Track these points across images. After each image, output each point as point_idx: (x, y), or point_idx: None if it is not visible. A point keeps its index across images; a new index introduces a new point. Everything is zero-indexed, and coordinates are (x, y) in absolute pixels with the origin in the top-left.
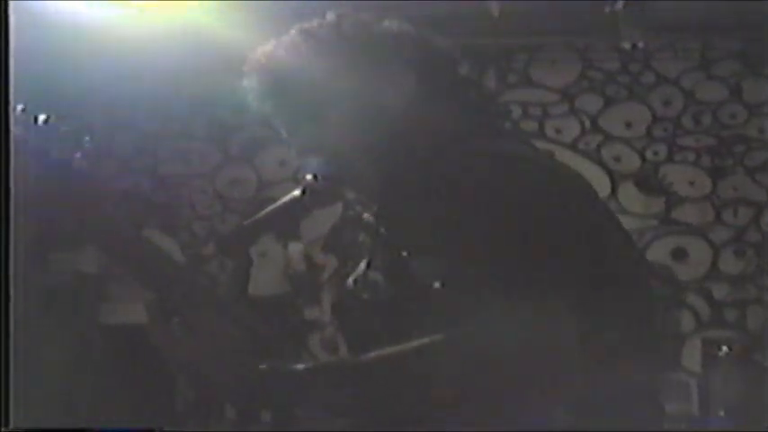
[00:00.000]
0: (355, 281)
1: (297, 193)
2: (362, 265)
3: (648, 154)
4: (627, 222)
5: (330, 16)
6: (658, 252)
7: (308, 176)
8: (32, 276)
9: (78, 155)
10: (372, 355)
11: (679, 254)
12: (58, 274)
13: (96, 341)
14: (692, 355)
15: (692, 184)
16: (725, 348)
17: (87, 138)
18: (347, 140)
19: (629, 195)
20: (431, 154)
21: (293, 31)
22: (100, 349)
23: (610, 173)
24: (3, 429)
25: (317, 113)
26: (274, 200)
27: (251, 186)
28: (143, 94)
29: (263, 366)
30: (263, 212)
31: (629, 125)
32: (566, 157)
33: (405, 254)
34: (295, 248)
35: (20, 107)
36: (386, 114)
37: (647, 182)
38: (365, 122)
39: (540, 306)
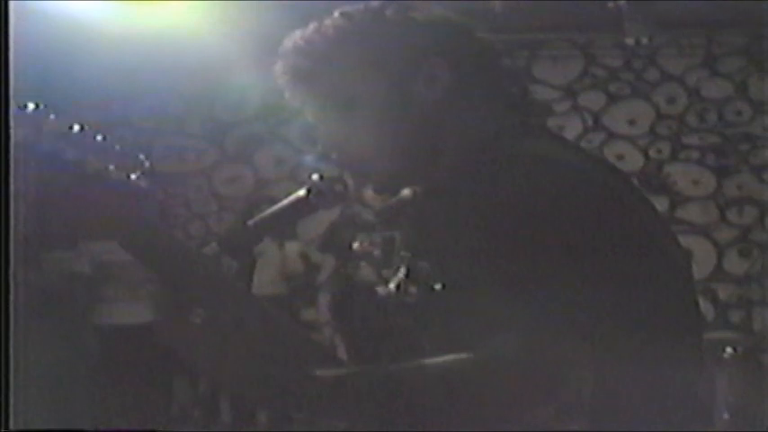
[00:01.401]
0: (398, 286)
1: (302, 192)
2: (402, 270)
3: (652, 152)
4: None
5: (374, 2)
6: None
7: (315, 176)
8: (27, 276)
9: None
10: (407, 365)
11: None
12: (52, 274)
13: (91, 342)
14: None
15: (696, 182)
16: (729, 350)
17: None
18: (373, 134)
19: None
20: (464, 154)
21: (335, 14)
22: (95, 350)
23: None
24: (2, 430)
25: (349, 101)
26: (272, 198)
27: (248, 185)
28: (139, 90)
29: (300, 371)
30: (269, 212)
31: (632, 123)
32: None
33: (428, 258)
34: (292, 248)
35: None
36: (417, 108)
37: (651, 180)
38: (394, 115)
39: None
